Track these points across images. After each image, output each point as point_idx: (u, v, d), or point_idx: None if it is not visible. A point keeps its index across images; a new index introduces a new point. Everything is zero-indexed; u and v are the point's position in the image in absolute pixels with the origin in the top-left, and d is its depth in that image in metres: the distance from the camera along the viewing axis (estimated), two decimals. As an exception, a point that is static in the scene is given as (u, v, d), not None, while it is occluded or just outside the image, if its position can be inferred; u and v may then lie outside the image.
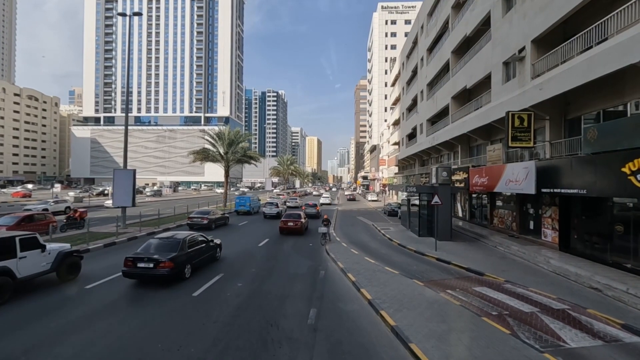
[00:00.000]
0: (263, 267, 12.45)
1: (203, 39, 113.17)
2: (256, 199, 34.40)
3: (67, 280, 9.98)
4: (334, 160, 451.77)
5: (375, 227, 24.20)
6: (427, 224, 19.25)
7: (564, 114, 13.84)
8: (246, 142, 39.69)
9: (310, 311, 8.09)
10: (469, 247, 16.30)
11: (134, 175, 19.27)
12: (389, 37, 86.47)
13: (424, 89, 32.08)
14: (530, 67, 14.19)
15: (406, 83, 41.73)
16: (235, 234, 20.26)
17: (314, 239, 18.83)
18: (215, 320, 7.46)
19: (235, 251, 14.99)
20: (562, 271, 11.48)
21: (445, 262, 13.50)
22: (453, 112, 24.40)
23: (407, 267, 12.76)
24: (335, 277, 11.30)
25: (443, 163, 29.61)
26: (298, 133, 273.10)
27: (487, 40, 18.94)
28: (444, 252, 14.93)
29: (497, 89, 17.38)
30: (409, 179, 43.00)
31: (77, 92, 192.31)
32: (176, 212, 25.94)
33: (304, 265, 12.88)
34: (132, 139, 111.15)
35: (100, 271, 11.08)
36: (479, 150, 22.78)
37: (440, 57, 27.11)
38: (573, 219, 13.64)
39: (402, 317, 7.48)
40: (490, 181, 17.71)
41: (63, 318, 7.50)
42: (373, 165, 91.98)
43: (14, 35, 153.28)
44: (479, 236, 19.01)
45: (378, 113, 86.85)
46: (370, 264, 12.68)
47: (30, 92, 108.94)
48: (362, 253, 15.11)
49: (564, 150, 13.30)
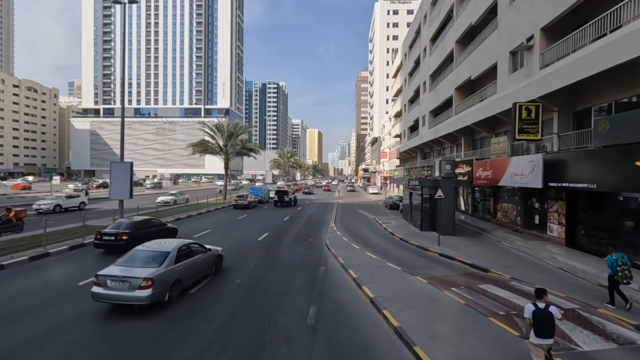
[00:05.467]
0: (262, 262, 12.17)
1: (202, 29, 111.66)
2: (267, 190, 38.84)
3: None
4: (334, 153, 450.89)
5: (377, 220, 23.91)
6: (429, 218, 18.94)
7: (573, 105, 13.37)
8: (246, 134, 39.28)
9: (310, 310, 7.81)
10: (472, 242, 16.00)
11: (131, 167, 18.90)
12: (391, 28, 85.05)
13: (427, 80, 31.47)
14: (539, 57, 13.68)
15: (408, 74, 41.03)
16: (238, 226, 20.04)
17: (315, 233, 18.56)
18: (211, 320, 7.18)
19: (231, 244, 14.76)
20: (569, 268, 11.17)
21: (449, 257, 13.20)
22: (457, 104, 23.89)
23: (409, 263, 12.47)
24: (336, 273, 11.02)
25: (445, 156, 29.18)
26: (299, 125, 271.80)
27: (493, 29, 18.35)
28: (447, 247, 14.63)
29: (503, 80, 16.87)
30: (410, 171, 42.64)
31: (76, 84, 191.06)
32: (173, 205, 25.66)
33: (304, 260, 12.60)
34: (132, 131, 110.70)
35: (90, 268, 10.81)
36: (483, 143, 22.34)
37: (444, 47, 26.47)
38: (580, 214, 13.29)
39: (405, 317, 7.19)
40: (494, 175, 17.32)
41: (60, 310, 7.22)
42: (374, 157, 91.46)
43: (11, 25, 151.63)
44: (482, 231, 18.70)
45: (379, 105, 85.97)
46: (371, 260, 12.40)
47: (29, 83, 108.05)
48: (363, 248, 14.82)
49: (573, 143, 12.87)
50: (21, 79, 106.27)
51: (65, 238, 14.33)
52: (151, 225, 13.94)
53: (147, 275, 7.40)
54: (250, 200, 30.27)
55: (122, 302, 7.37)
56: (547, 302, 4.95)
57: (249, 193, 34.48)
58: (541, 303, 4.91)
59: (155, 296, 7.40)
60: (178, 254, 8.51)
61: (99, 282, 7.42)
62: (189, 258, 8.90)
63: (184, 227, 18.67)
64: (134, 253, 8.40)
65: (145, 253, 8.33)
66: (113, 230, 12.48)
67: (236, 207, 29.43)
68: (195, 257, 9.25)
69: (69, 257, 12.23)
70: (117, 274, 7.44)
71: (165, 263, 7.97)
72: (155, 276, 7.48)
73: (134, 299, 7.25)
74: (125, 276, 7.38)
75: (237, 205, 29.50)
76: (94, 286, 7.44)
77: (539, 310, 4.82)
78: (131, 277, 7.37)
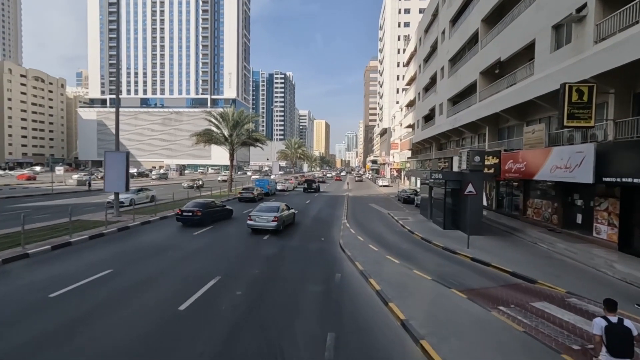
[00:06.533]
0: (267, 268, 10.60)
1: (209, 17, 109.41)
2: (274, 182, 37.84)
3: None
4: (341, 144, 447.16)
5: (392, 216, 22.17)
6: (452, 215, 17.15)
7: (632, 86, 11.37)
8: (252, 123, 37.54)
9: (328, 337, 6.19)
10: (504, 243, 14.20)
11: (127, 157, 17.48)
12: (402, 14, 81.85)
13: (445, 65, 29.25)
14: (593, 29, 11.64)
15: (423, 60, 38.68)
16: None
17: (327, 231, 16.96)
18: (202, 352, 5.62)
19: (233, 245, 13.25)
20: (634, 280, 9.35)
21: (483, 262, 11.46)
22: (481, 90, 21.80)
23: (437, 269, 10.76)
24: (354, 282, 9.39)
25: (465, 147, 27.16)
26: (306, 116, 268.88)
27: (529, 3, 16.20)
28: (477, 250, 12.88)
29: (543, 59, 14.80)
30: (424, 163, 40.64)
31: (84, 74, 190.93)
32: (176, 197, 24.21)
33: (316, 266, 10.99)
34: (138, 122, 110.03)
35: (75, 272, 9.35)
36: (511, 133, 20.33)
37: (467, 28, 24.24)
38: (637, 214, 11.40)
39: (450, 352, 5.53)
40: (528, 167, 15.45)
41: (6, 342, 5.74)
42: (383, 149, 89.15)
43: (19, 16, 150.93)
44: (511, 229, 16.86)
45: (389, 95, 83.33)
46: (394, 265, 10.74)
47: (36, 73, 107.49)
48: (382, 249, 13.16)
49: (632, 131, 10.93)
50: (28, 69, 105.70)
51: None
52: (215, 206, 18.21)
53: (275, 215, 15.01)
54: (256, 192, 28.80)
55: (262, 228, 15.03)
56: (620, 316, 4.12)
57: (254, 185, 33.00)
58: (613, 317, 4.09)
59: (278, 226, 15.01)
60: (283, 208, 16.20)
61: (250, 218, 15.17)
62: (284, 211, 16.27)
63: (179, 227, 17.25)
64: (261, 206, 16.09)
65: (268, 207, 16.05)
66: (191, 209, 16.69)
67: (241, 199, 27.99)
68: (289, 211, 17.16)
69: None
70: (260, 215, 15.10)
71: (279, 211, 15.54)
72: (278, 216, 15.10)
73: (268, 227, 14.89)
74: (264, 216, 14.98)
75: (242, 198, 28.18)
76: (248, 220, 15.25)
77: (612, 325, 4.01)
78: (267, 216, 14.98)
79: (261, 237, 14.61)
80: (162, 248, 12.33)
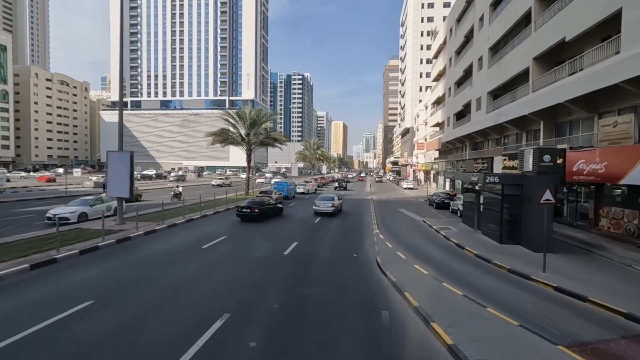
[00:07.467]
0: (292, 297, 8.18)
1: (227, 19, 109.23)
2: (293, 184, 35.88)
3: None
4: (359, 145, 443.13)
5: (429, 224, 19.35)
6: (509, 226, 14.25)
7: None
8: (270, 122, 35.44)
9: None
10: (588, 266, 11.22)
11: (131, 158, 15.47)
12: (426, 9, 78.32)
13: (484, 54, 26.14)
14: None
15: (455, 52, 35.51)
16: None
17: (357, 244, 14.41)
18: None
19: (249, 268, 10.94)
20: None
21: (575, 296, 8.60)
22: (535, 79, 18.71)
23: (518, 306, 8.01)
24: (410, 327, 6.82)
25: (507, 145, 23.97)
26: (324, 117, 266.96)
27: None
28: (556, 275, 10.03)
29: (633, 32, 11.77)
30: (455, 164, 37.38)
31: (108, 78, 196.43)
32: (186, 203, 22.18)
33: (353, 298, 8.42)
34: (158, 123, 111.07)
35: (40, 307, 7.22)
36: (573, 128, 17.18)
37: (514, 9, 21.17)
38: None
39: None
40: (610, 169, 12.43)
41: None
42: (405, 149, 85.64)
43: (47, 22, 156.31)
44: (584, 245, 13.79)
45: (412, 93, 79.82)
46: (457, 298, 8.07)
47: (61, 77, 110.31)
48: (431, 271, 10.49)
49: None
50: (53, 73, 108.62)
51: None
52: (269, 204, 20.36)
53: (332, 203, 21.72)
54: (274, 197, 26.35)
55: (324, 212, 21.45)
56: None
57: (272, 188, 30.83)
58: None
59: (335, 210, 21.90)
60: (337, 198, 23.38)
61: (316, 205, 21.77)
62: (338, 201, 22.99)
63: (190, 231, 15.13)
64: (322, 196, 22.80)
65: (327, 197, 22.67)
66: (249, 205, 18.82)
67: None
68: (340, 200, 24.31)
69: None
70: (322, 202, 21.80)
71: (335, 200, 22.35)
72: (336, 203, 22.10)
73: (329, 211, 21.43)
74: (324, 203, 21.65)
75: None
76: (313, 206, 21.85)
77: None
78: (327, 203, 21.64)
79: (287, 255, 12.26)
80: (164, 268, 10.16)
